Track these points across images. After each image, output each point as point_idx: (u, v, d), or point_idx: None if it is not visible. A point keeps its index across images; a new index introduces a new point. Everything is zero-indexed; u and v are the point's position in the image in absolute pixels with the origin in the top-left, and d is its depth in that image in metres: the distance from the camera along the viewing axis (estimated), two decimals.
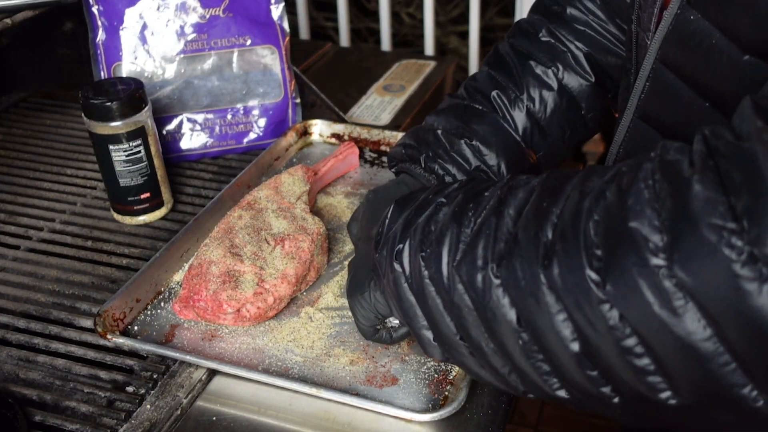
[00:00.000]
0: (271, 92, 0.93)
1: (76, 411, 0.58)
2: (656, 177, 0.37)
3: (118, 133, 0.76)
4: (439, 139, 0.67)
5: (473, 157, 0.66)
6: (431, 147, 0.67)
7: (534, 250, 0.40)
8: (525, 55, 0.69)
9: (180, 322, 0.66)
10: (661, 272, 0.35)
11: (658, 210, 0.36)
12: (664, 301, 0.35)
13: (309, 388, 0.58)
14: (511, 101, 0.67)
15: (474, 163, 0.66)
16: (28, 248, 0.78)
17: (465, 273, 0.44)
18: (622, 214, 0.37)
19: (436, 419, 0.56)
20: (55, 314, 0.68)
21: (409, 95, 1.11)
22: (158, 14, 0.88)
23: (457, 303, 0.45)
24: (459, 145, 0.66)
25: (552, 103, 0.68)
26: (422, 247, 0.47)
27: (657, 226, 0.35)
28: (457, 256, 0.44)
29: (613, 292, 0.37)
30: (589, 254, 0.38)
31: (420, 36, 1.88)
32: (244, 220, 0.72)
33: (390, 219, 0.52)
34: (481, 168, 0.66)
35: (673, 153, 0.37)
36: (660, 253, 0.35)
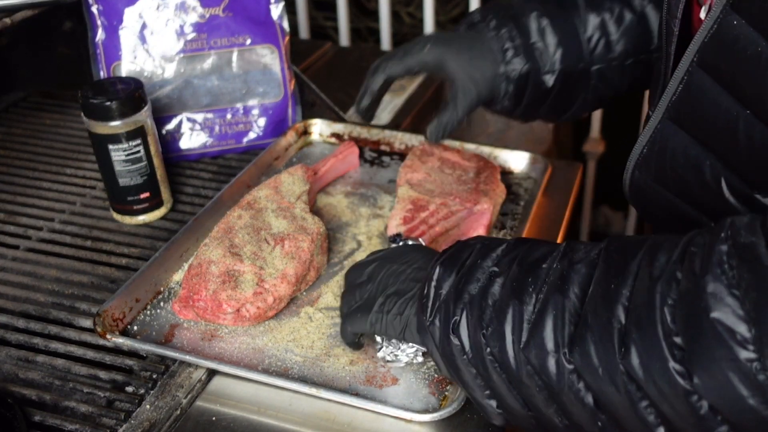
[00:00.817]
0: (270, 92, 0.93)
1: (76, 411, 0.58)
2: (732, 262, 0.36)
3: (117, 132, 0.76)
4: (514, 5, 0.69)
5: (536, 33, 0.67)
6: (504, 10, 0.69)
7: (608, 337, 0.40)
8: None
9: (179, 322, 0.66)
10: (754, 366, 0.35)
11: (741, 299, 0.35)
12: (758, 394, 0.35)
13: (309, 388, 0.58)
14: (591, 6, 0.68)
15: (534, 38, 0.67)
16: (28, 248, 0.78)
17: (534, 356, 0.43)
18: (702, 303, 0.36)
19: (436, 419, 0.55)
20: (54, 314, 0.68)
21: (409, 95, 1.11)
22: (158, 14, 0.87)
23: (526, 383, 0.44)
24: (529, 17, 0.68)
25: (628, 22, 0.68)
26: (482, 324, 0.46)
27: (742, 316, 0.35)
28: (523, 336, 0.44)
29: (702, 385, 0.36)
30: (670, 343, 0.37)
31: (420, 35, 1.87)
32: (243, 219, 0.72)
33: (437, 282, 0.50)
34: (537, 45, 0.67)
35: (745, 234, 0.37)
36: (749, 345, 0.35)
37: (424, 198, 0.75)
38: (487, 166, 0.82)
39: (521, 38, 0.67)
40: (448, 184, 0.78)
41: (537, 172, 0.87)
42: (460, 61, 0.67)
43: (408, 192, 0.76)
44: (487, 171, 0.81)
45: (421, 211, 0.73)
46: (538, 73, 0.68)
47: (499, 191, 0.79)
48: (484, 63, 0.67)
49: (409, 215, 0.73)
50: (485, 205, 0.75)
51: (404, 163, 0.82)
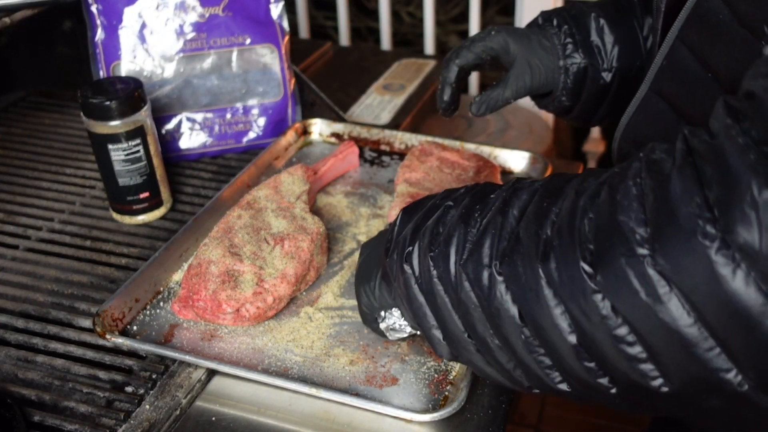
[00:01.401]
0: (270, 91, 0.93)
1: (75, 411, 0.58)
2: (642, 175, 0.40)
3: (117, 132, 0.75)
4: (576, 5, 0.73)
5: (594, 32, 0.70)
6: (567, 9, 0.73)
7: (534, 247, 0.43)
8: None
9: (179, 322, 0.66)
10: (646, 261, 0.37)
11: (643, 204, 0.38)
12: (649, 289, 0.37)
13: (309, 388, 0.57)
14: (647, 8, 0.70)
15: (593, 36, 0.70)
16: (27, 248, 0.78)
17: (471, 271, 0.46)
18: (612, 210, 0.40)
19: (436, 419, 0.55)
20: (53, 314, 0.68)
21: (409, 94, 1.11)
22: (157, 13, 0.87)
23: (464, 301, 0.47)
24: (587, 17, 0.71)
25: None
26: (431, 248, 0.49)
27: (642, 219, 0.38)
28: (464, 254, 0.46)
29: (604, 282, 0.39)
30: (583, 248, 0.40)
31: (420, 35, 1.87)
32: (243, 219, 0.71)
33: (399, 224, 0.54)
34: (596, 43, 0.70)
35: (658, 153, 0.40)
36: (645, 244, 0.37)
37: (422, 193, 0.75)
38: (486, 166, 0.82)
39: (580, 35, 0.70)
40: (447, 183, 0.78)
41: (537, 171, 0.87)
42: (521, 47, 0.71)
43: (406, 188, 0.76)
44: (486, 170, 0.81)
45: None
46: (597, 69, 0.70)
47: None
48: (544, 54, 0.71)
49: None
50: None
51: (403, 163, 0.82)
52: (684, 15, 0.53)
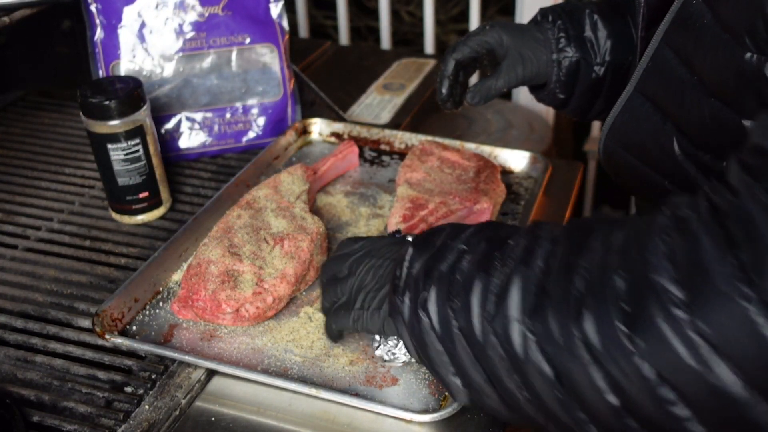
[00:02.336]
0: (270, 91, 0.93)
1: (74, 411, 0.58)
2: (670, 232, 0.40)
3: (116, 132, 0.75)
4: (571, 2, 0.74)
5: (588, 27, 0.71)
6: (562, 5, 0.74)
7: (566, 305, 0.42)
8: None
9: (179, 322, 0.66)
10: (687, 324, 0.37)
11: (676, 264, 0.39)
12: (694, 353, 0.37)
13: (308, 388, 0.57)
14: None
15: (587, 32, 0.71)
16: (26, 248, 0.77)
17: (499, 326, 0.44)
18: (643, 268, 0.40)
19: (436, 420, 0.55)
20: (53, 314, 0.68)
21: (409, 94, 1.11)
22: (157, 12, 0.87)
23: (490, 355, 0.46)
24: (581, 12, 0.72)
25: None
26: (450, 297, 0.47)
27: (675, 278, 0.38)
28: (488, 307, 0.45)
29: (644, 345, 0.39)
30: (618, 308, 0.40)
31: (420, 34, 1.87)
32: (243, 219, 0.71)
33: (409, 263, 0.52)
34: (590, 38, 0.71)
35: (684, 209, 0.41)
36: (682, 306, 0.38)
37: (423, 197, 0.75)
38: (487, 166, 0.82)
39: (574, 30, 0.72)
40: (448, 183, 0.78)
41: (537, 171, 0.87)
42: (514, 40, 0.73)
43: (407, 191, 0.76)
44: (487, 170, 0.81)
45: (421, 210, 0.73)
46: (589, 63, 0.71)
47: (499, 191, 0.78)
48: (537, 47, 0.72)
49: (409, 213, 0.73)
50: (485, 204, 0.75)
51: (404, 162, 0.82)
52: (669, 18, 0.53)
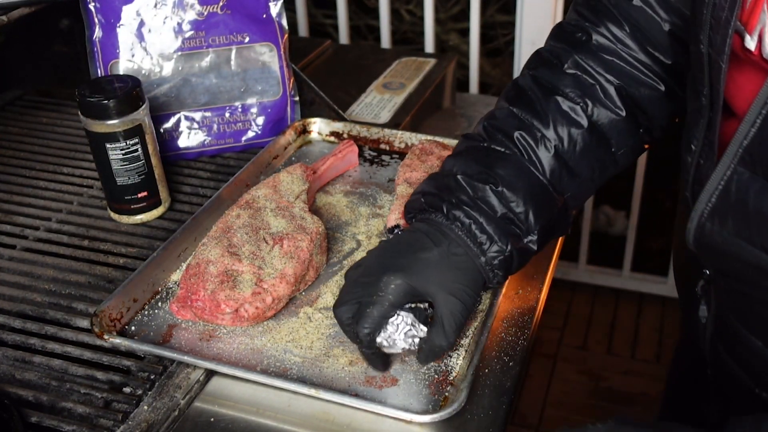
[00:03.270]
0: (269, 90, 0.93)
1: (73, 412, 0.58)
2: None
3: (115, 131, 0.75)
4: (461, 184, 0.61)
5: (499, 204, 0.60)
6: (453, 193, 0.61)
7: None
8: (550, 90, 0.63)
9: (178, 322, 0.66)
10: None
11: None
12: None
13: (308, 388, 0.57)
14: (537, 141, 0.62)
15: (500, 210, 0.60)
16: (24, 247, 0.77)
17: None
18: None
19: (436, 420, 0.55)
20: (51, 314, 0.67)
21: (409, 93, 1.10)
22: (155, 11, 0.87)
23: None
24: (483, 191, 0.60)
25: (581, 141, 0.62)
26: None
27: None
28: None
29: None
30: None
31: (420, 33, 1.87)
32: (242, 219, 0.71)
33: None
34: (507, 216, 0.60)
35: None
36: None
37: None
38: None
39: (489, 221, 0.60)
40: None
41: None
42: (430, 281, 0.58)
43: (407, 190, 0.76)
44: None
45: None
46: (520, 242, 0.61)
47: None
48: (458, 271, 0.59)
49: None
50: None
51: (403, 162, 0.82)
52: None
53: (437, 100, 1.18)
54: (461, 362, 0.61)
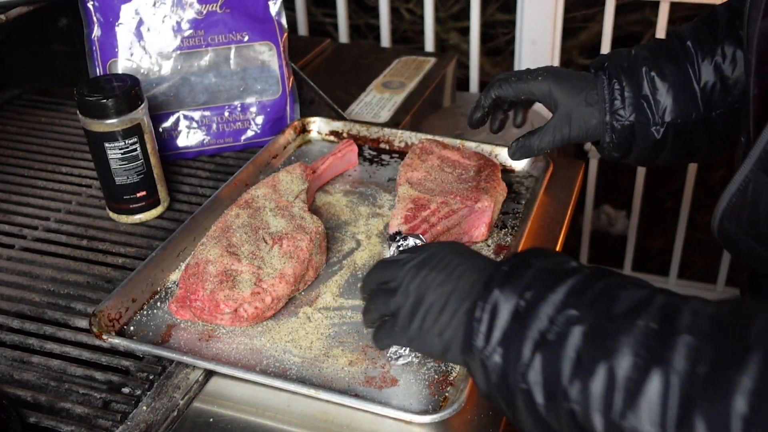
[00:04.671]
0: (268, 89, 0.92)
1: (71, 412, 0.58)
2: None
3: (113, 130, 0.75)
4: (629, 56, 0.71)
5: (646, 85, 0.69)
6: (619, 59, 0.71)
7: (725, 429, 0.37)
8: (735, 16, 0.68)
9: (176, 322, 0.65)
10: None
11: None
12: None
13: (307, 389, 0.57)
14: (704, 52, 0.68)
15: (645, 90, 0.68)
16: (23, 247, 0.77)
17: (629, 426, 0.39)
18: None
19: (436, 421, 0.55)
20: (49, 314, 0.67)
21: (409, 92, 1.10)
22: (154, 10, 0.87)
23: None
24: (639, 69, 0.69)
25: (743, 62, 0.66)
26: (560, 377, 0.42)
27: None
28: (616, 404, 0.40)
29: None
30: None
31: (420, 32, 1.87)
32: (241, 218, 0.71)
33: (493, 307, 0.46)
34: (647, 97, 0.68)
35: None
36: None
37: (424, 197, 0.74)
38: (487, 164, 0.81)
39: (631, 90, 0.69)
40: (449, 182, 0.77)
41: (538, 170, 0.87)
42: (566, 99, 0.70)
43: (408, 191, 0.75)
44: (487, 169, 0.80)
45: (423, 210, 0.72)
46: (645, 125, 0.69)
47: (500, 189, 0.78)
48: (589, 109, 0.70)
49: (411, 214, 0.72)
50: (486, 202, 0.74)
51: (404, 161, 0.81)
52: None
53: (437, 99, 1.18)
54: None
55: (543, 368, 0.43)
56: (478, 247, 0.75)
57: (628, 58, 0.71)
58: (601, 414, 0.40)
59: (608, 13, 1.41)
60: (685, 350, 0.39)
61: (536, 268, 0.46)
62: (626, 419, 0.39)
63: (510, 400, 0.46)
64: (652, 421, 0.39)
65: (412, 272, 0.52)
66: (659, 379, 0.39)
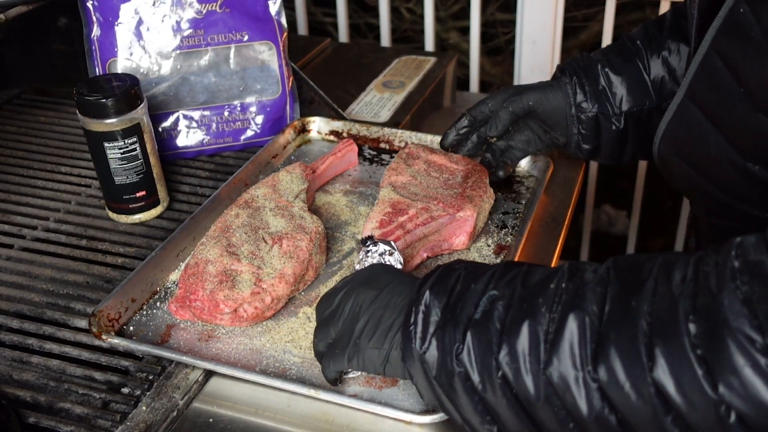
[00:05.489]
0: (268, 89, 0.92)
1: (71, 412, 0.57)
2: (744, 278, 0.40)
3: (113, 130, 0.75)
4: (584, 57, 0.79)
5: (602, 80, 0.76)
6: (576, 61, 0.79)
7: (635, 352, 0.41)
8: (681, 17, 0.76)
9: (176, 322, 0.65)
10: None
11: (754, 310, 0.38)
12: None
13: (307, 389, 0.57)
14: (652, 49, 0.75)
15: (602, 84, 0.76)
16: (22, 247, 0.77)
17: (557, 377, 0.43)
18: (721, 316, 0.39)
19: (436, 421, 0.55)
20: (49, 314, 0.67)
21: (409, 92, 1.10)
22: (154, 9, 0.86)
23: (541, 405, 0.44)
24: (594, 68, 0.77)
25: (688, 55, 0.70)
26: (491, 348, 0.45)
27: (756, 325, 0.38)
28: (542, 356, 0.43)
29: (728, 393, 0.38)
30: (696, 355, 0.39)
31: (420, 31, 1.87)
32: (241, 218, 0.71)
33: (425, 308, 0.49)
34: (605, 91, 0.75)
35: (753, 252, 0.40)
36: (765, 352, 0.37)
37: (405, 201, 0.72)
38: (475, 170, 0.79)
39: (590, 85, 0.76)
40: (434, 188, 0.75)
41: (539, 170, 0.87)
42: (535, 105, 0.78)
43: (389, 194, 0.74)
44: (475, 175, 0.78)
45: (400, 215, 0.71)
46: (607, 116, 0.75)
47: (486, 197, 0.76)
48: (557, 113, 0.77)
49: (387, 218, 0.70)
50: (469, 212, 0.72)
51: (390, 165, 0.79)
52: (717, 24, 0.54)
53: (437, 99, 1.17)
54: None
55: (474, 345, 0.46)
56: (465, 254, 0.74)
57: (584, 59, 0.78)
58: (529, 371, 0.44)
59: (608, 13, 1.40)
60: (592, 296, 0.44)
61: (459, 271, 0.51)
62: (551, 367, 0.43)
63: (449, 388, 0.48)
64: (573, 362, 0.42)
65: (346, 296, 0.55)
66: (574, 323, 0.43)
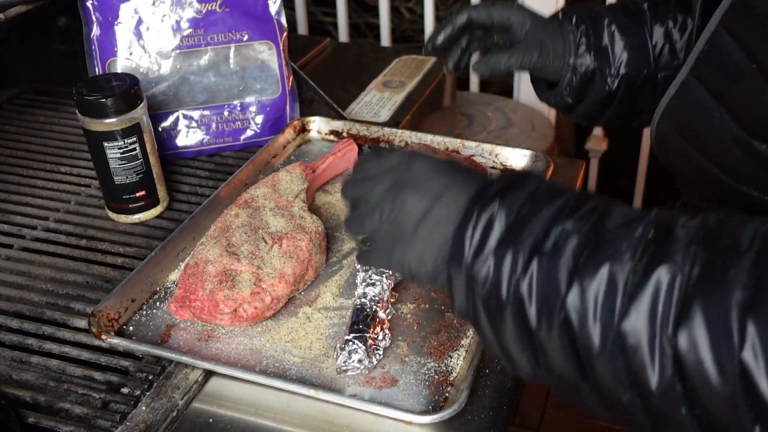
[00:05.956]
0: (268, 88, 0.92)
1: (70, 413, 0.57)
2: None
3: (112, 130, 0.75)
4: (593, 9, 0.75)
5: (606, 36, 0.72)
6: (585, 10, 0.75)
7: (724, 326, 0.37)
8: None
9: (176, 322, 0.65)
10: None
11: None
12: None
13: (307, 389, 0.57)
14: (657, 16, 0.72)
15: (605, 41, 0.72)
16: (22, 247, 0.77)
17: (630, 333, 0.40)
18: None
19: (436, 421, 0.55)
20: (48, 314, 0.67)
21: (409, 91, 1.10)
22: (153, 9, 0.86)
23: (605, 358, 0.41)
24: (601, 21, 0.73)
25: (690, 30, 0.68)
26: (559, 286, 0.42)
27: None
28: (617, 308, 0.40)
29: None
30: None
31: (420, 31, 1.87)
32: (241, 218, 0.71)
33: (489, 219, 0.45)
34: (606, 47, 0.72)
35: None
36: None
37: None
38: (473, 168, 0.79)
39: (594, 38, 0.72)
40: None
41: (539, 170, 0.87)
42: (537, 28, 0.72)
43: None
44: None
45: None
46: (604, 74, 0.72)
47: None
48: (558, 42, 0.72)
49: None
50: None
51: None
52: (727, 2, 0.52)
53: (437, 99, 1.17)
54: (461, 362, 0.61)
55: (538, 277, 0.43)
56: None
57: (592, 10, 0.75)
58: (598, 320, 0.40)
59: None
60: (683, 253, 0.40)
61: (530, 186, 0.47)
62: (627, 320, 0.40)
63: (496, 314, 0.44)
64: (651, 321, 0.39)
65: (387, 194, 0.50)
66: (663, 278, 0.39)
